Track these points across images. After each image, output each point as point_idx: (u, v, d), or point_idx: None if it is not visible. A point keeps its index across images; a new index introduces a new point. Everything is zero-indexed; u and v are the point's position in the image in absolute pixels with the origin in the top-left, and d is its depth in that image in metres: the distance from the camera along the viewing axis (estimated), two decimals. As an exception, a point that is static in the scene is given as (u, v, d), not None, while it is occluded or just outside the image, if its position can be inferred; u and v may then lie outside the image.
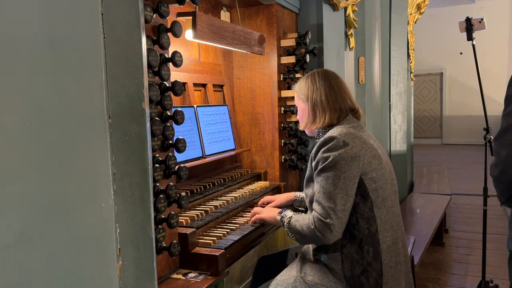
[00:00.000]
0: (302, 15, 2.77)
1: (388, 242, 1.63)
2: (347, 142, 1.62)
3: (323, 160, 1.62)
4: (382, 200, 1.64)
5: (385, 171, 1.68)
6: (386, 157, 1.77)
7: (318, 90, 1.79)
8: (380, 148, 1.75)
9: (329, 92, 1.78)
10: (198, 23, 1.75)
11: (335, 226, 1.56)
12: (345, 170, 1.59)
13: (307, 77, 1.85)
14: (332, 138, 1.63)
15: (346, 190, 1.58)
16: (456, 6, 11.43)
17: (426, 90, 12.58)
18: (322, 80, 1.81)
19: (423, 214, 4.05)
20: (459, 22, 2.99)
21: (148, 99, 1.29)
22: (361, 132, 1.72)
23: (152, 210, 1.15)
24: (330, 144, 1.62)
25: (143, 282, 1.16)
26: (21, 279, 0.89)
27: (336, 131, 1.68)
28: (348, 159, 1.59)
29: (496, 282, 3.07)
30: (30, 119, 0.90)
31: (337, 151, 1.60)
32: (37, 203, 0.92)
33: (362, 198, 1.62)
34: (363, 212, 1.62)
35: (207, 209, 1.91)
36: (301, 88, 1.85)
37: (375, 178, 1.64)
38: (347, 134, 1.65)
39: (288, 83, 2.60)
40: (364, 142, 1.66)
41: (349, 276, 1.61)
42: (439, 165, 7.75)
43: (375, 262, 1.61)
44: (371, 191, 1.62)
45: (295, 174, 2.80)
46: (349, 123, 1.75)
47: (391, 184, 1.71)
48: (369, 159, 1.64)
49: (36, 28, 0.92)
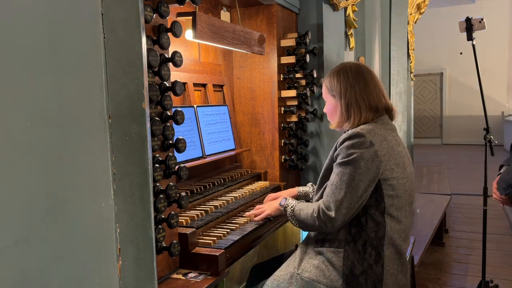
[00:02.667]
0: (302, 15, 2.77)
1: (393, 250, 1.61)
2: (374, 143, 1.57)
3: (344, 155, 1.59)
4: (396, 209, 1.61)
5: (406, 181, 1.64)
6: (411, 167, 1.71)
7: (352, 87, 1.69)
8: (407, 157, 1.69)
9: (365, 90, 1.69)
10: (198, 23, 1.75)
11: (337, 220, 1.57)
12: (363, 171, 1.55)
13: (338, 71, 1.75)
14: (360, 135, 1.58)
15: (357, 190, 1.55)
16: (456, 6, 11.44)
17: (426, 90, 12.58)
18: (357, 76, 1.70)
19: (423, 214, 4.05)
20: (459, 22, 2.99)
21: (148, 99, 1.29)
22: (392, 136, 1.66)
23: (152, 210, 1.15)
24: (356, 141, 1.57)
25: (143, 282, 1.16)
26: (21, 279, 0.89)
27: (367, 128, 1.62)
28: (369, 160, 1.55)
29: (496, 282, 3.07)
30: (30, 119, 0.90)
31: (360, 149, 1.56)
32: (37, 203, 0.92)
33: (376, 202, 1.60)
34: (374, 215, 1.60)
35: (207, 209, 1.91)
36: (333, 84, 1.74)
37: (395, 186, 1.60)
38: (376, 134, 1.60)
39: (288, 83, 2.60)
40: (391, 147, 1.61)
41: (347, 274, 1.60)
42: (439, 165, 7.75)
43: (376, 266, 1.59)
44: (386, 197, 1.59)
45: (295, 174, 2.80)
46: (383, 124, 1.68)
47: (409, 196, 1.67)
48: (392, 165, 1.59)
49: (36, 28, 0.92)
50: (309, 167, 2.81)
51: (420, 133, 12.50)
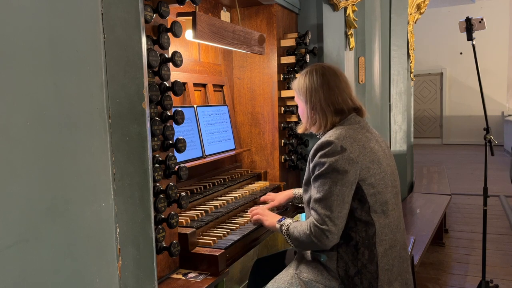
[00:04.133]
0: (302, 15, 2.77)
1: (386, 245, 1.61)
2: (345, 147, 1.57)
3: (320, 166, 1.59)
4: (381, 204, 1.61)
5: (385, 174, 1.64)
6: (388, 158, 1.71)
7: (317, 92, 1.70)
8: (382, 150, 1.69)
9: (329, 94, 1.69)
10: (198, 23, 1.75)
11: (332, 232, 1.55)
12: (342, 177, 1.55)
13: (305, 74, 1.76)
14: (329, 143, 1.58)
15: (342, 197, 1.55)
16: (456, 6, 11.44)
17: (426, 90, 12.58)
18: (320, 78, 1.71)
19: (423, 214, 4.05)
20: (459, 22, 2.99)
21: (148, 99, 1.29)
22: (362, 133, 1.66)
23: (152, 210, 1.15)
24: (327, 149, 1.58)
25: (143, 282, 1.16)
26: (21, 279, 0.89)
27: (335, 133, 1.62)
28: (345, 165, 1.55)
29: (496, 282, 3.08)
30: (30, 119, 0.90)
31: (334, 156, 1.56)
32: (37, 203, 0.92)
33: (360, 203, 1.59)
34: (361, 216, 1.59)
35: (207, 209, 1.91)
36: (300, 88, 1.76)
37: (374, 183, 1.60)
38: (345, 137, 1.60)
39: (288, 83, 2.60)
40: (362, 146, 1.61)
41: (343, 276, 1.60)
42: (439, 165, 7.75)
43: (370, 264, 1.59)
44: (369, 197, 1.59)
45: (295, 174, 2.80)
46: (350, 124, 1.68)
47: (392, 187, 1.67)
48: (367, 164, 1.59)
49: (36, 28, 0.92)
50: (309, 167, 2.81)
51: (420, 133, 12.50)
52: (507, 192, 6.20)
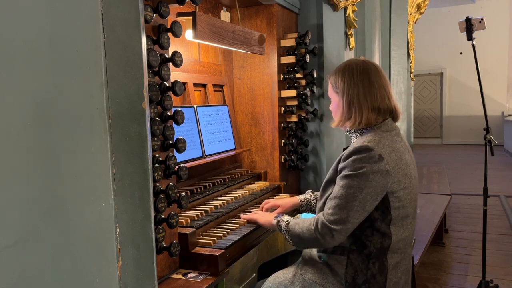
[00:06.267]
0: (302, 15, 2.77)
1: (397, 258, 1.59)
2: (383, 156, 1.51)
3: (352, 168, 1.52)
4: (402, 218, 1.58)
5: (412, 189, 1.60)
6: (415, 171, 1.68)
7: (355, 86, 1.63)
8: (412, 162, 1.65)
9: (368, 90, 1.63)
10: (198, 23, 1.75)
11: (340, 233, 1.52)
12: (371, 185, 1.50)
13: (344, 68, 1.69)
14: (368, 149, 1.52)
15: (364, 205, 1.51)
16: (456, 6, 11.44)
17: (426, 90, 12.58)
18: (361, 74, 1.64)
19: (423, 214, 4.05)
20: (459, 22, 2.99)
21: (148, 99, 1.29)
22: (398, 143, 1.60)
23: (152, 210, 1.15)
24: (365, 155, 1.51)
25: (143, 282, 1.16)
26: (21, 279, 0.89)
27: (374, 139, 1.56)
28: (378, 174, 1.50)
29: (496, 282, 3.08)
30: (30, 119, 0.90)
31: (370, 163, 1.50)
32: (37, 203, 0.92)
33: (382, 214, 1.55)
34: (380, 227, 1.56)
35: (207, 209, 1.91)
36: (337, 81, 1.69)
37: (401, 197, 1.55)
38: (384, 146, 1.54)
39: (288, 83, 2.60)
40: (399, 158, 1.56)
41: (350, 282, 1.58)
42: (439, 165, 7.75)
43: (380, 275, 1.57)
44: (393, 209, 1.55)
45: (295, 174, 2.80)
46: (387, 131, 1.61)
47: (415, 200, 1.64)
48: (400, 177, 1.54)
49: (36, 28, 0.92)
50: (309, 167, 2.81)
51: (420, 133, 12.51)
52: (507, 192, 6.21)
